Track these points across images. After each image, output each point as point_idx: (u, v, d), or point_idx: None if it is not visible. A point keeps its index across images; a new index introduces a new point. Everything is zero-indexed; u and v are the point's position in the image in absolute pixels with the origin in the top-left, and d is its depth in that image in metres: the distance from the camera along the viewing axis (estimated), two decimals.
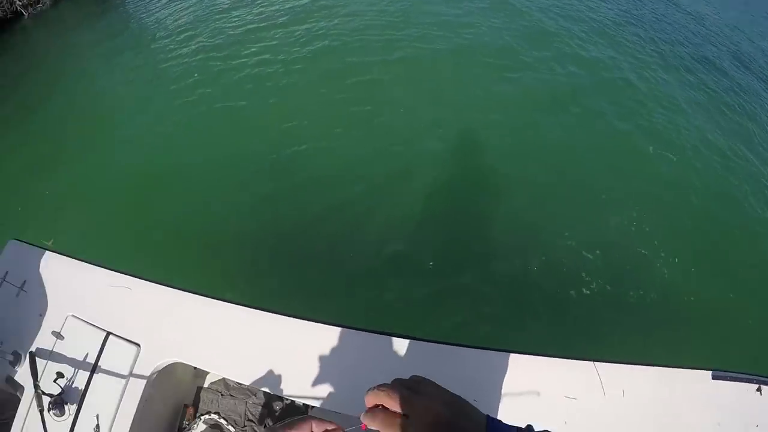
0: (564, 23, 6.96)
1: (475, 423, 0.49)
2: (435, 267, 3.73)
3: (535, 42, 6.44)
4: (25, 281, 2.06)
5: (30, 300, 2.02)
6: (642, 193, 4.43)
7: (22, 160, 6.51)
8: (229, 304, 1.59)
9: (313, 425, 0.55)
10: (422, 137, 4.90)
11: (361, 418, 0.54)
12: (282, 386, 1.47)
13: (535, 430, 0.53)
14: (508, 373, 1.36)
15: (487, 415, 0.51)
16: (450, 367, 1.39)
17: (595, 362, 1.33)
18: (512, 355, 1.38)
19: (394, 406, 0.52)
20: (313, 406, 1.53)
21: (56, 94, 6.84)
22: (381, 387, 0.55)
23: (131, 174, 5.38)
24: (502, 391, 1.33)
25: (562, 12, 7.30)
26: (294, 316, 1.52)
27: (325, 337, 1.48)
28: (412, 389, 0.55)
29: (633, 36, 7.11)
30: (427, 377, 0.59)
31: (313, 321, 1.51)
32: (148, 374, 1.61)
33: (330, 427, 0.56)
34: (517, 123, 5.10)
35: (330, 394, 1.43)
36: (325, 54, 6.27)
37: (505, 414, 1.30)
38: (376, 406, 0.54)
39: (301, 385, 1.45)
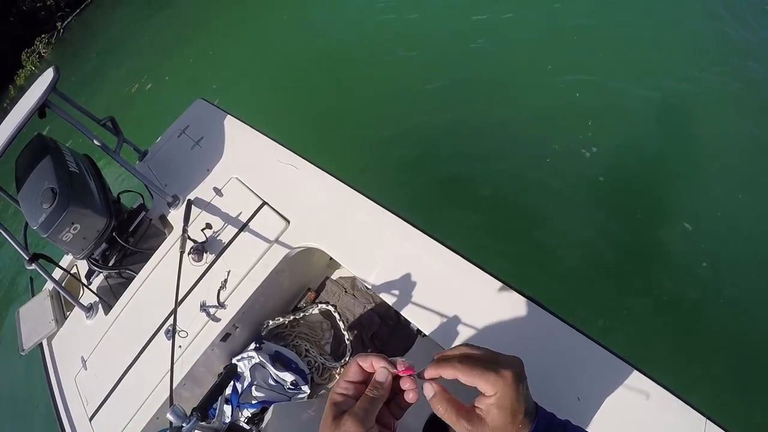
0: None
1: (531, 405, 0.55)
2: None
3: None
4: (202, 137, 2.27)
5: (202, 155, 2.23)
6: None
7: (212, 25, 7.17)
8: (386, 210, 1.54)
9: (359, 360, 0.56)
10: None
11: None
12: (405, 305, 1.44)
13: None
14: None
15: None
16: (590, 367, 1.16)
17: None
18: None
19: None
20: (425, 335, 1.48)
21: None
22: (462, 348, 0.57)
23: (312, 52, 5.48)
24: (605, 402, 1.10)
25: None
26: (448, 247, 1.41)
27: (470, 278, 1.35)
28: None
29: None
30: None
31: (464, 258, 1.39)
32: (287, 250, 1.69)
33: (376, 360, 0.55)
34: None
35: (449, 332, 1.35)
36: None
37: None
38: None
39: (426, 312, 1.39)
